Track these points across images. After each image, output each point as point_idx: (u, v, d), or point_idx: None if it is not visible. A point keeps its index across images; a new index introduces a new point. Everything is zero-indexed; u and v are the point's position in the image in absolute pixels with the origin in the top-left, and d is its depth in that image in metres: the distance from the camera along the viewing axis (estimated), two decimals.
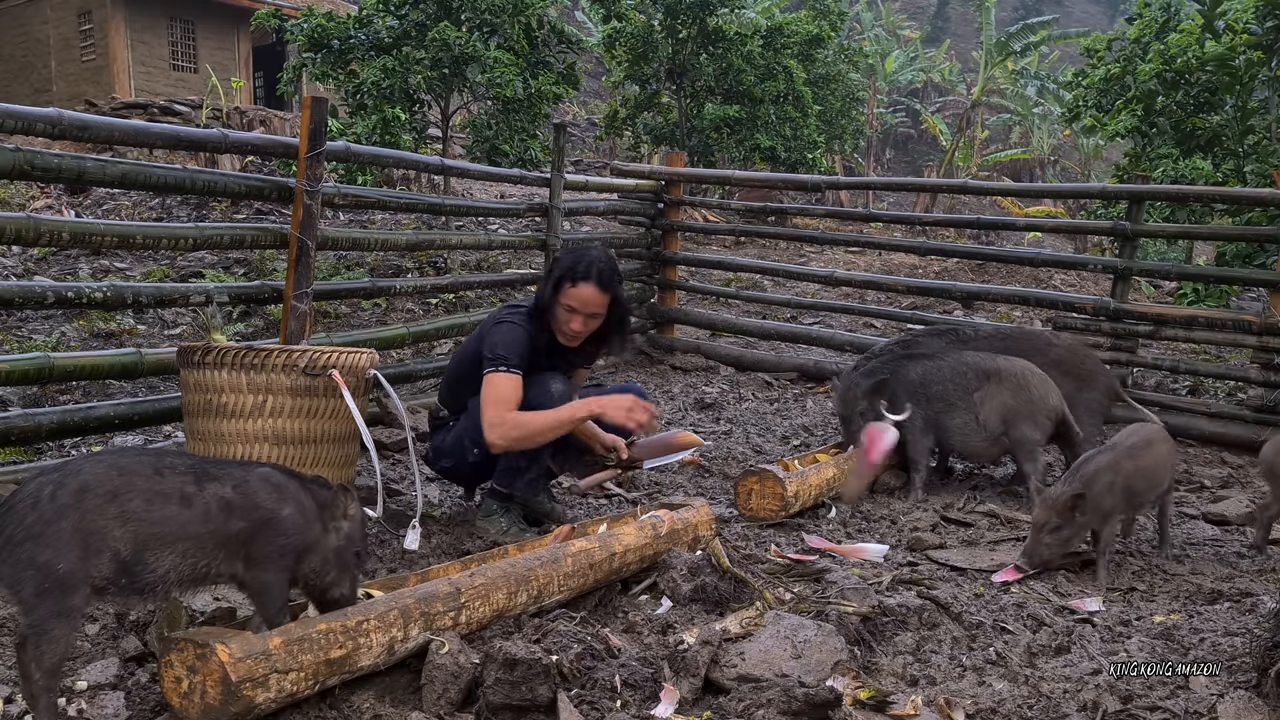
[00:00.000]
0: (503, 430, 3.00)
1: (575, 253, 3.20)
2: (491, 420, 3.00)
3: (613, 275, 3.18)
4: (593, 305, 3.16)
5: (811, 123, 14.72)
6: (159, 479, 1.94)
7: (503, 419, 3.00)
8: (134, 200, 9.34)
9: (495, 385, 3.05)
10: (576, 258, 3.16)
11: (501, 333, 3.15)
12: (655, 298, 6.87)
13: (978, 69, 25.47)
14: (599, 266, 3.15)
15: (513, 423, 3.01)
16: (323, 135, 3.85)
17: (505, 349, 3.10)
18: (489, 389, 3.04)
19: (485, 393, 3.03)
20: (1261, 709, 2.21)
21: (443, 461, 3.40)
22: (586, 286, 3.11)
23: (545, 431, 3.05)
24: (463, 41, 9.96)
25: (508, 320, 3.18)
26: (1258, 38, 9.45)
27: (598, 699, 2.19)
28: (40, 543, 1.78)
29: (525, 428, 3.02)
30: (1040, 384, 4.03)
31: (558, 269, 3.18)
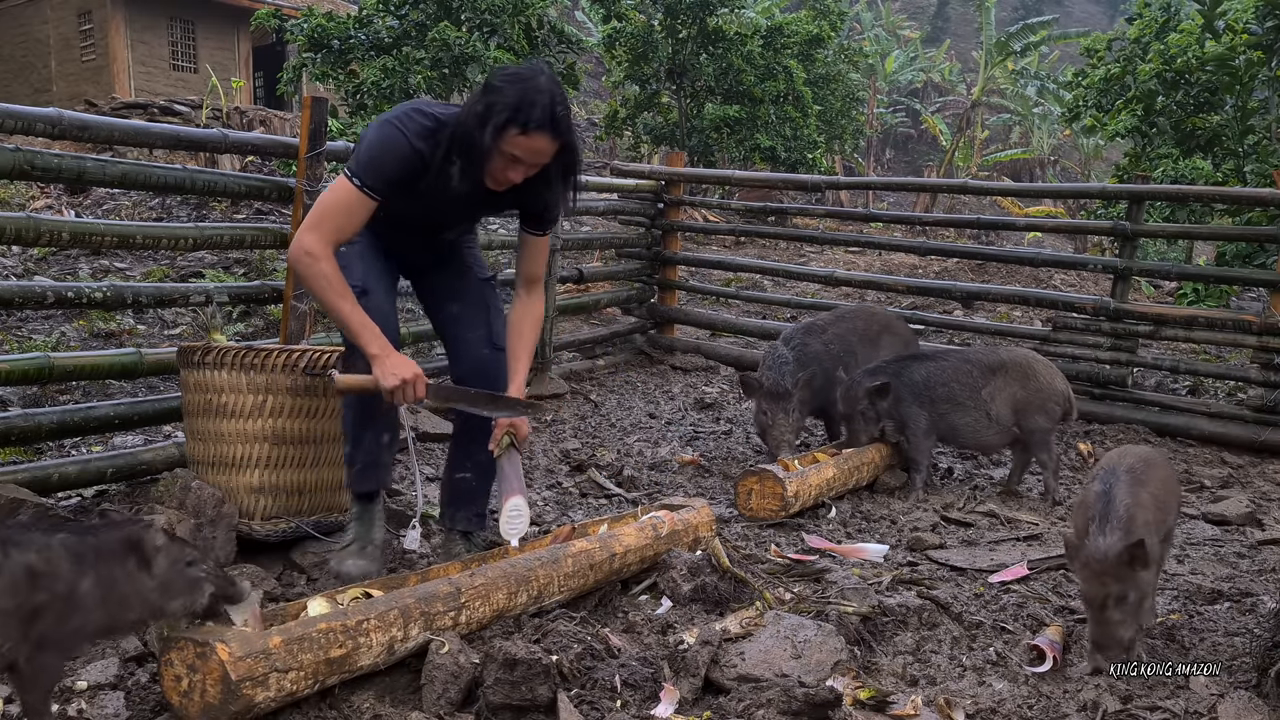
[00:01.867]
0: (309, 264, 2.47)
1: (520, 85, 2.46)
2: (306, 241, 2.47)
3: (568, 117, 2.53)
4: (544, 156, 2.54)
5: (811, 123, 14.73)
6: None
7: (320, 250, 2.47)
8: (134, 200, 9.33)
9: (336, 197, 2.52)
10: (523, 94, 2.43)
11: (375, 136, 2.54)
12: (655, 298, 6.87)
13: (978, 69, 25.46)
14: (556, 110, 2.47)
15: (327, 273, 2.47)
16: (323, 135, 3.85)
17: (368, 158, 2.51)
18: (330, 195, 2.53)
19: (323, 197, 2.55)
20: (1261, 709, 2.21)
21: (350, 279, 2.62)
22: (540, 137, 2.47)
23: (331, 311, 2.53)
24: (463, 41, 9.96)
25: (395, 125, 2.52)
26: (1258, 38, 9.45)
27: (598, 699, 2.19)
28: None
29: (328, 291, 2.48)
30: (1046, 370, 4.07)
31: (500, 108, 2.43)
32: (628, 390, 5.82)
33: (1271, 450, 4.91)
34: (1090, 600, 2.37)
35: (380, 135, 2.52)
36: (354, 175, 2.49)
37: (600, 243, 6.91)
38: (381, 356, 2.52)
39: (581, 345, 6.37)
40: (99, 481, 3.40)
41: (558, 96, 2.50)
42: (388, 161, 2.51)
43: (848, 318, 4.65)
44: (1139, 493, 2.54)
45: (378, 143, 2.52)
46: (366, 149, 2.52)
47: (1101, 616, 2.35)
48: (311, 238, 2.48)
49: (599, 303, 6.54)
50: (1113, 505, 2.45)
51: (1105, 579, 2.33)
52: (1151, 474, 2.64)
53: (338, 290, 2.50)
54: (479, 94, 2.51)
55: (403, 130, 2.51)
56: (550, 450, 4.47)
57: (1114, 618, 2.33)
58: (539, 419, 5.01)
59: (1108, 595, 2.33)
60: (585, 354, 6.41)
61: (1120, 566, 2.32)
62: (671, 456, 4.49)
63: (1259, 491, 4.35)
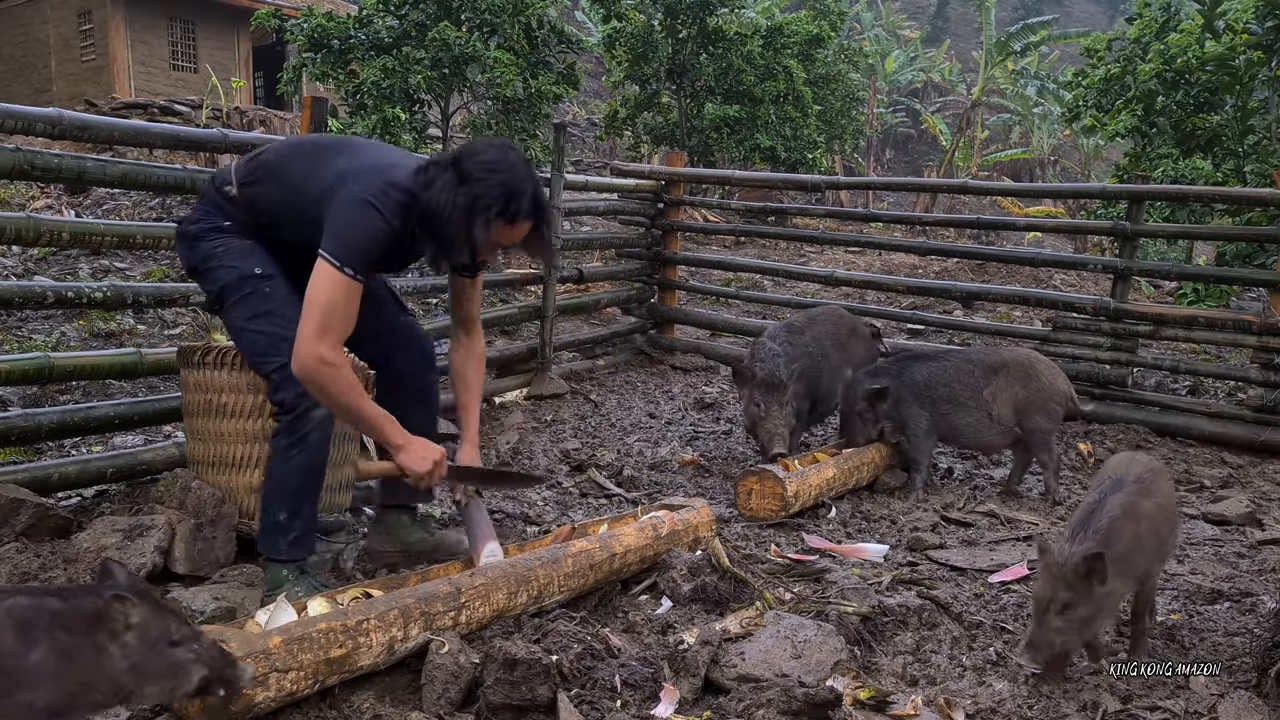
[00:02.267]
0: (325, 373, 2.35)
1: (502, 175, 2.45)
2: (320, 350, 2.34)
3: (547, 201, 2.61)
4: (523, 235, 2.57)
5: (811, 123, 14.73)
6: None
7: (336, 358, 2.37)
8: (134, 200, 9.33)
9: (339, 295, 2.37)
10: (508, 186, 2.44)
11: (364, 225, 2.42)
12: (655, 298, 6.87)
13: (978, 69, 25.46)
14: (540, 196, 2.53)
15: (345, 381, 2.38)
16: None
17: (360, 250, 2.40)
18: (331, 294, 2.37)
19: (321, 294, 2.36)
20: (1261, 709, 2.21)
21: (207, 264, 2.60)
22: (525, 224, 2.52)
23: (352, 418, 2.48)
24: (463, 41, 9.96)
25: (384, 213, 2.44)
26: (1258, 38, 9.45)
27: (598, 699, 2.19)
28: None
29: (345, 400, 2.40)
30: (1048, 370, 4.07)
31: (487, 201, 2.42)
32: (628, 390, 5.82)
33: (1271, 450, 4.91)
34: (1037, 600, 2.33)
35: (363, 219, 2.42)
36: (344, 266, 2.38)
37: (600, 243, 6.91)
38: (408, 445, 2.52)
39: (581, 345, 6.37)
40: (99, 481, 3.39)
41: (537, 180, 2.53)
42: (374, 247, 2.45)
43: (820, 320, 4.63)
44: (1140, 504, 2.44)
45: (361, 228, 2.41)
46: (350, 234, 2.40)
47: (1043, 619, 2.28)
48: (325, 346, 2.35)
49: (599, 303, 6.54)
50: (1097, 515, 2.38)
51: (1057, 584, 2.27)
52: (1160, 484, 2.56)
53: (359, 391, 2.45)
54: (456, 183, 2.44)
55: (381, 211, 2.43)
56: (550, 450, 4.47)
57: (1054, 624, 2.27)
58: (539, 419, 5.01)
59: (1052, 600, 2.27)
60: (585, 354, 6.41)
61: (1075, 575, 2.25)
62: (671, 456, 4.49)
63: (1259, 491, 4.35)
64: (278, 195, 2.58)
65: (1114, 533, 2.33)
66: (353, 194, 2.44)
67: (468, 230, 2.44)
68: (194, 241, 2.63)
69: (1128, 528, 2.37)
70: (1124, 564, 2.32)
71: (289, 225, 2.58)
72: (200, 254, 2.62)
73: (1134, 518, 2.40)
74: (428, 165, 2.53)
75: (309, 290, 2.39)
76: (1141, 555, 2.40)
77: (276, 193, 2.58)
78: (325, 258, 2.39)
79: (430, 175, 2.49)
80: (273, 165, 2.61)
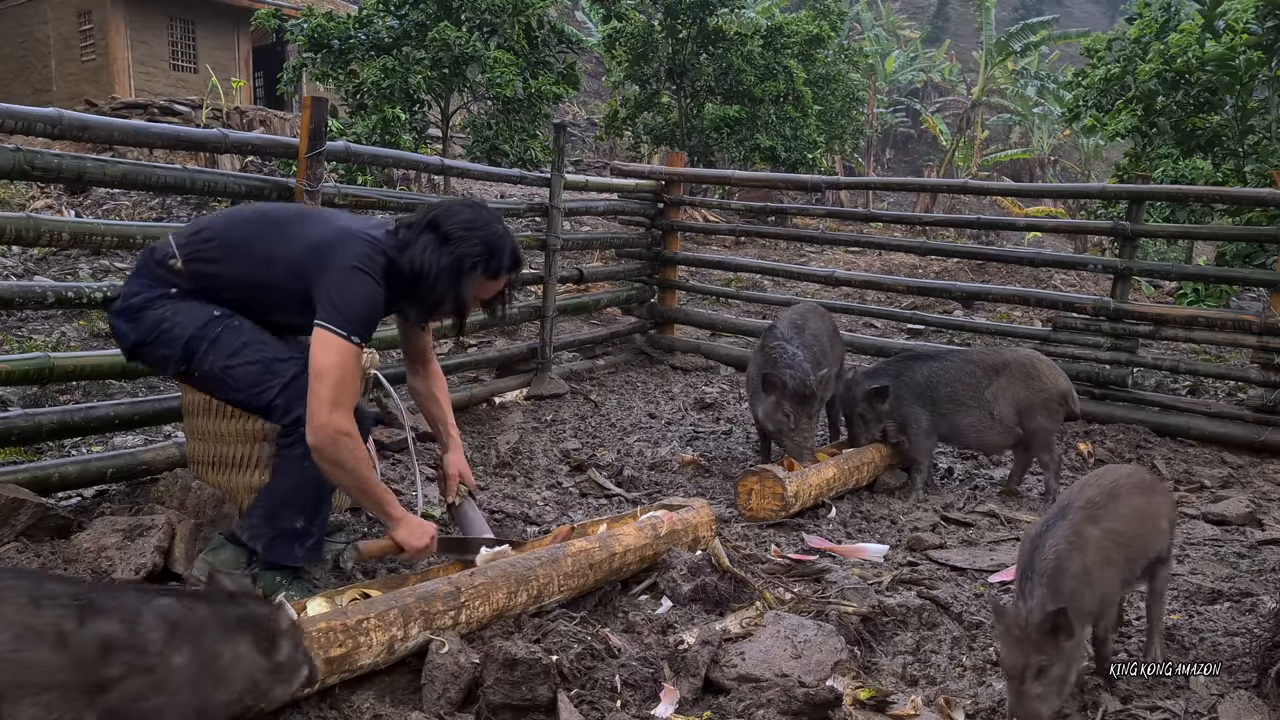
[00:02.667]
0: (341, 445, 2.35)
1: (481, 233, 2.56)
2: (337, 419, 2.33)
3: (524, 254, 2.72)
4: (500, 289, 2.69)
5: (811, 123, 14.73)
6: (30, 611, 1.53)
7: (350, 430, 2.36)
8: (134, 200, 9.33)
9: (346, 363, 2.37)
10: (488, 243, 2.56)
11: (362, 292, 2.43)
12: (655, 298, 6.87)
13: (978, 69, 25.46)
14: (518, 250, 2.65)
15: (359, 453, 2.40)
16: (323, 135, 3.85)
17: (362, 317, 2.42)
18: (339, 363, 2.35)
19: (330, 364, 2.35)
20: (1261, 709, 2.21)
21: (162, 351, 2.54)
22: (505, 277, 2.64)
23: (358, 491, 2.48)
24: (463, 41, 9.96)
25: (371, 275, 2.46)
26: (1258, 38, 9.45)
27: (598, 699, 2.19)
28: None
29: (355, 472, 2.40)
30: (1049, 370, 4.07)
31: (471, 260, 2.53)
32: (628, 390, 5.82)
33: (1271, 450, 4.91)
34: (1007, 671, 2.11)
35: (360, 287, 2.44)
36: (350, 335, 2.38)
37: (600, 243, 6.91)
38: (404, 519, 2.55)
39: (581, 345, 6.37)
40: (99, 481, 3.39)
41: (512, 234, 2.64)
42: (375, 313, 2.49)
43: (811, 315, 4.58)
44: (1085, 533, 2.25)
45: (360, 295, 2.43)
46: (350, 302, 2.40)
47: (1019, 690, 2.07)
48: (340, 416, 2.34)
49: (599, 303, 6.54)
50: (1039, 556, 2.18)
51: (1025, 648, 2.06)
52: (1114, 507, 2.35)
53: (369, 464, 2.46)
54: (438, 244, 2.52)
55: (373, 276, 2.47)
56: (550, 450, 4.47)
57: (1033, 691, 2.06)
58: (539, 419, 5.01)
59: (1025, 666, 2.06)
60: (585, 354, 6.41)
61: (1041, 636, 2.05)
62: (671, 456, 4.49)
63: (1259, 491, 4.35)
64: (242, 268, 2.55)
65: (1060, 573, 2.15)
66: (343, 263, 2.44)
67: (456, 288, 2.54)
68: (138, 314, 2.56)
69: (1074, 563, 2.18)
70: (1078, 603, 2.15)
71: (253, 297, 2.57)
72: (148, 324, 2.55)
73: (1080, 549, 2.21)
74: (398, 228, 2.59)
75: (314, 361, 2.36)
76: (1092, 589, 2.21)
77: (241, 267, 2.55)
78: (328, 328, 2.37)
79: (406, 237, 2.55)
80: (229, 242, 2.59)
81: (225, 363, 2.51)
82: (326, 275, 2.42)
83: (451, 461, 2.89)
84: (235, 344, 2.53)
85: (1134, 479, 2.50)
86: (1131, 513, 2.38)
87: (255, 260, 2.54)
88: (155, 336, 2.55)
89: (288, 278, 2.49)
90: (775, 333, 4.22)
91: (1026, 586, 2.15)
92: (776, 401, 3.94)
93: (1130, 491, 2.43)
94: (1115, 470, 2.55)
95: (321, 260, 2.46)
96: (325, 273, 2.43)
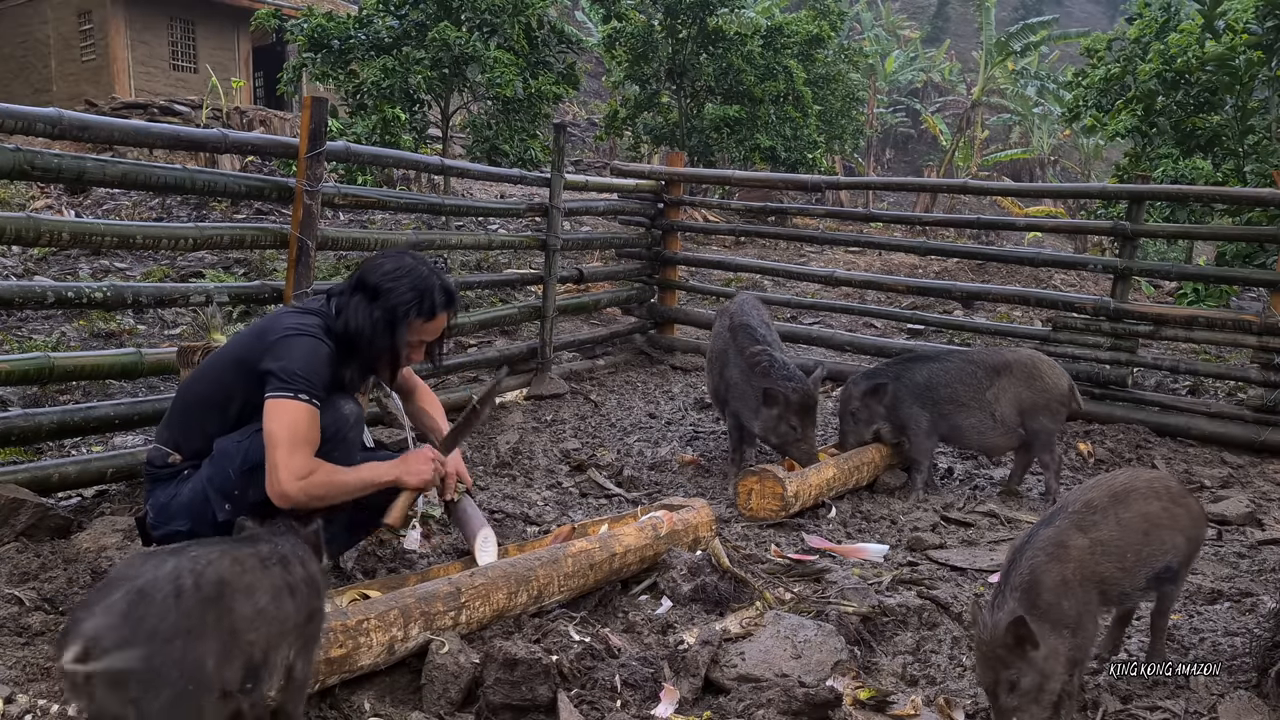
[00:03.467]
0: (309, 483, 2.35)
1: (408, 279, 2.60)
2: (294, 468, 2.33)
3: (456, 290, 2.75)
4: (442, 328, 2.72)
5: (811, 123, 14.72)
6: (267, 571, 1.74)
7: (310, 467, 2.37)
8: (134, 200, 9.34)
9: (294, 418, 2.37)
10: (417, 286, 2.59)
11: (302, 349, 2.45)
12: (655, 298, 6.87)
13: (978, 69, 25.47)
14: (450, 288, 2.67)
15: (325, 477, 2.40)
16: (323, 135, 3.86)
17: (307, 371, 2.42)
18: (285, 421, 2.36)
19: (279, 426, 2.36)
20: (1261, 709, 2.21)
21: (175, 524, 2.50)
22: (442, 316, 2.67)
23: (353, 492, 2.49)
24: (463, 41, 9.96)
25: (309, 334, 2.49)
26: (1258, 38, 9.45)
27: (598, 699, 2.19)
28: (192, 639, 1.53)
29: (337, 486, 2.42)
30: (1051, 371, 4.06)
31: (405, 306, 2.56)
32: (628, 390, 5.82)
33: (1271, 450, 4.91)
34: (983, 686, 2.06)
35: (312, 350, 2.47)
36: (297, 393, 2.39)
37: (600, 243, 6.91)
38: (402, 463, 2.56)
39: (581, 345, 6.37)
40: (99, 481, 3.40)
41: (440, 272, 2.67)
42: (321, 366, 2.48)
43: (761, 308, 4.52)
44: (1069, 542, 2.15)
45: (303, 354, 2.44)
46: (292, 362, 2.41)
47: (997, 705, 2.02)
48: (297, 461, 2.35)
49: (599, 303, 6.54)
50: (1015, 567, 2.11)
51: (994, 663, 2.00)
52: (1116, 512, 2.25)
53: (341, 472, 2.46)
54: (368, 301, 2.55)
55: (320, 339, 2.50)
56: (550, 450, 4.47)
57: (1009, 704, 1.99)
58: (539, 419, 5.01)
59: (997, 682, 2.00)
60: (585, 354, 6.41)
61: (1005, 649, 1.97)
62: (671, 456, 4.49)
63: (1259, 491, 4.35)
64: (211, 409, 2.55)
65: (1035, 584, 2.07)
66: (275, 336, 2.47)
67: (391, 339, 2.58)
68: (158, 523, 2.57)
69: (1051, 573, 2.09)
70: (1055, 614, 2.05)
71: (239, 417, 2.55)
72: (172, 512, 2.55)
73: (1060, 559, 2.12)
74: (329, 297, 2.64)
75: (266, 431, 2.37)
76: (1072, 600, 2.10)
77: (209, 411, 2.55)
78: (272, 397, 2.38)
79: (338, 304, 2.61)
80: (188, 403, 2.60)
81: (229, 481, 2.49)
82: (266, 354, 2.45)
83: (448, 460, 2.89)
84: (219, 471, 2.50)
85: (1154, 485, 2.38)
86: (1136, 520, 2.27)
87: (229, 419, 2.54)
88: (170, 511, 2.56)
89: (245, 383, 2.48)
90: (753, 335, 4.16)
91: (999, 598, 2.08)
92: (780, 415, 3.89)
93: (1143, 497, 2.32)
94: (1136, 474, 2.45)
95: (260, 344, 2.49)
96: (265, 353, 2.45)
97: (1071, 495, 2.36)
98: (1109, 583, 2.21)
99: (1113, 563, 2.22)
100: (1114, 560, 2.22)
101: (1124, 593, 2.28)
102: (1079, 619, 2.11)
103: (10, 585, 2.61)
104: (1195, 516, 2.42)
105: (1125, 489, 2.33)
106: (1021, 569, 2.10)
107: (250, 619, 1.64)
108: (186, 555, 1.64)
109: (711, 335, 4.61)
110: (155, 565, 1.60)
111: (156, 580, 1.56)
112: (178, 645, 1.51)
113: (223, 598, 1.61)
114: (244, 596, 1.65)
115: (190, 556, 1.63)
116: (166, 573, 1.57)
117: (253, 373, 2.45)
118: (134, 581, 1.55)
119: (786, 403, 3.85)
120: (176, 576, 1.57)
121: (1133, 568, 2.26)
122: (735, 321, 4.30)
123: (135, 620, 1.50)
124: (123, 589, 1.54)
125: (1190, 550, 2.41)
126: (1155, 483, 2.40)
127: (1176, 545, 2.34)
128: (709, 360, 4.50)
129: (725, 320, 4.41)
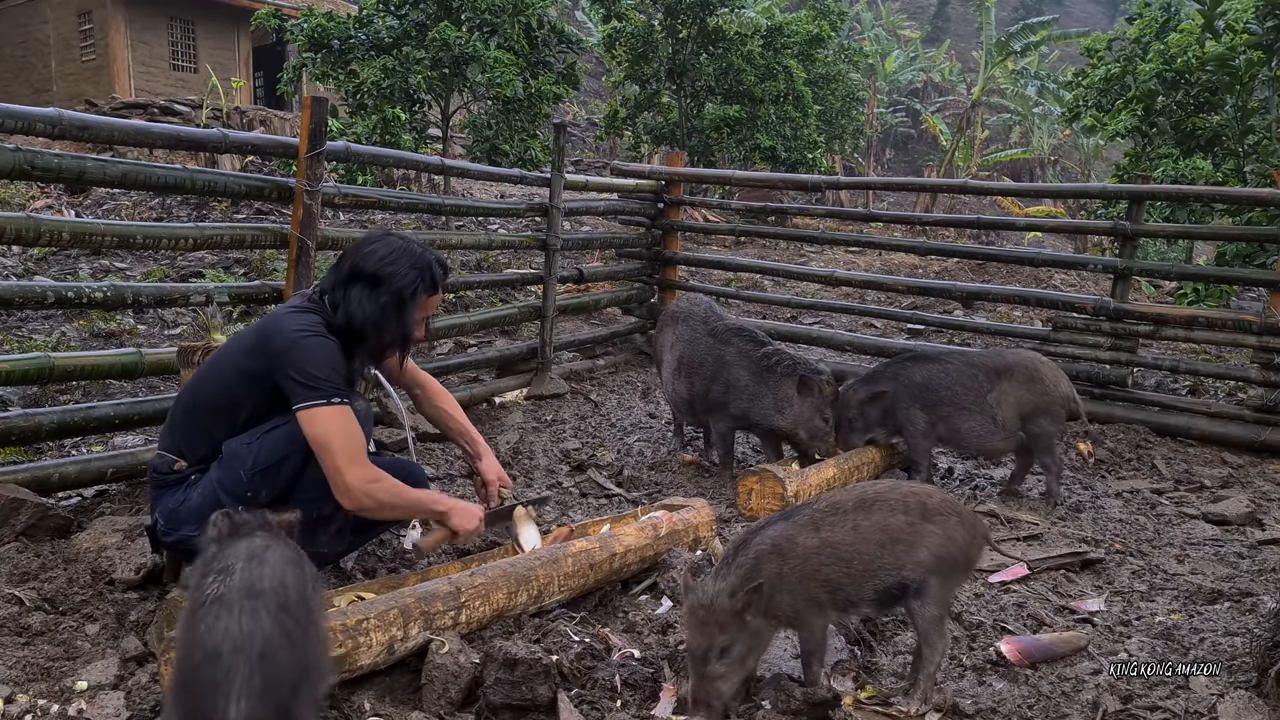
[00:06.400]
0: (378, 488, 2.42)
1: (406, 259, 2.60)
2: (360, 473, 2.39)
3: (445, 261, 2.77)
4: (439, 302, 2.78)
5: (811, 123, 14.73)
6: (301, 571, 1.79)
7: (375, 474, 2.42)
8: (134, 200, 9.33)
9: (339, 424, 2.39)
10: (416, 265, 2.60)
11: (317, 351, 2.45)
12: (655, 298, 6.87)
13: (978, 69, 25.47)
14: (442, 261, 2.69)
15: (391, 486, 2.46)
16: (323, 135, 3.85)
17: (329, 373, 2.43)
18: (332, 429, 2.38)
19: (326, 434, 2.38)
20: (1261, 709, 2.21)
21: (184, 530, 2.49)
22: (441, 289, 2.71)
23: (409, 509, 2.58)
24: (463, 41, 9.96)
25: (317, 334, 2.49)
26: (1258, 38, 9.45)
27: (598, 699, 2.19)
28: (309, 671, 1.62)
29: (401, 498, 2.49)
30: (1051, 373, 4.05)
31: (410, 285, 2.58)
32: (628, 390, 5.82)
33: (1271, 450, 4.91)
34: (691, 651, 2.10)
35: (326, 351, 2.47)
36: (329, 398, 2.40)
37: (600, 243, 6.91)
38: (453, 508, 2.62)
39: (581, 345, 6.37)
40: (99, 481, 3.40)
41: (427, 246, 2.69)
42: (338, 362, 2.50)
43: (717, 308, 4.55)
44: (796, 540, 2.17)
45: (330, 359, 2.46)
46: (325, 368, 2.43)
47: (700, 671, 2.07)
48: (358, 472, 2.40)
49: (599, 303, 6.54)
50: (743, 550, 2.16)
51: (709, 627, 2.06)
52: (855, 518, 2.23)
53: (404, 487, 2.52)
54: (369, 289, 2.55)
55: (317, 334, 2.49)
56: (550, 450, 4.47)
57: (716, 671, 2.07)
58: (539, 419, 5.01)
59: (710, 646, 2.06)
60: (585, 354, 6.41)
61: (729, 615, 2.05)
62: (671, 456, 4.48)
63: (1259, 491, 4.35)
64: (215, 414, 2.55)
65: (756, 572, 2.10)
66: (283, 341, 2.46)
67: (401, 320, 2.59)
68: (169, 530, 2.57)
69: (770, 565, 2.12)
70: (772, 607, 2.11)
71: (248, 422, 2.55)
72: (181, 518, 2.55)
73: (782, 555, 2.15)
74: (321, 295, 2.62)
75: (312, 441, 2.39)
76: (786, 597, 2.13)
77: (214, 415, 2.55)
78: (304, 407, 2.39)
79: (334, 299, 2.58)
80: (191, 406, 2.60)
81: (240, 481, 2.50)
82: (276, 362, 2.44)
83: (487, 467, 2.92)
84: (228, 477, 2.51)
85: (907, 499, 2.29)
86: (874, 530, 2.22)
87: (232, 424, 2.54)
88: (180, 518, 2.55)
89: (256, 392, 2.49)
90: (754, 336, 4.16)
91: (723, 571, 2.13)
92: (816, 406, 3.88)
93: (889, 509, 2.26)
94: (895, 485, 2.39)
95: (267, 351, 2.47)
96: (273, 361, 2.45)
97: (830, 494, 2.39)
98: (833, 586, 2.18)
99: (839, 567, 2.19)
100: (840, 565, 2.19)
101: (849, 600, 2.22)
102: (796, 614, 2.16)
103: (10, 585, 2.61)
104: (951, 538, 2.27)
105: (874, 498, 2.29)
106: (749, 552, 2.15)
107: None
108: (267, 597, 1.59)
109: (671, 343, 4.41)
110: (251, 621, 1.53)
111: (270, 639, 1.52)
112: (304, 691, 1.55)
113: (313, 621, 1.68)
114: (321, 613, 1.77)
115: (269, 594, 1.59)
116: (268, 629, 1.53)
117: (265, 382, 2.45)
118: (251, 649, 1.50)
119: (822, 392, 3.89)
120: (281, 625, 1.55)
121: (859, 576, 2.20)
122: (720, 325, 4.27)
123: (270, 685, 1.48)
124: (241, 659, 1.48)
125: (941, 570, 2.25)
126: (910, 497, 2.31)
127: (918, 562, 2.23)
128: (681, 367, 4.29)
129: (695, 326, 4.31)
